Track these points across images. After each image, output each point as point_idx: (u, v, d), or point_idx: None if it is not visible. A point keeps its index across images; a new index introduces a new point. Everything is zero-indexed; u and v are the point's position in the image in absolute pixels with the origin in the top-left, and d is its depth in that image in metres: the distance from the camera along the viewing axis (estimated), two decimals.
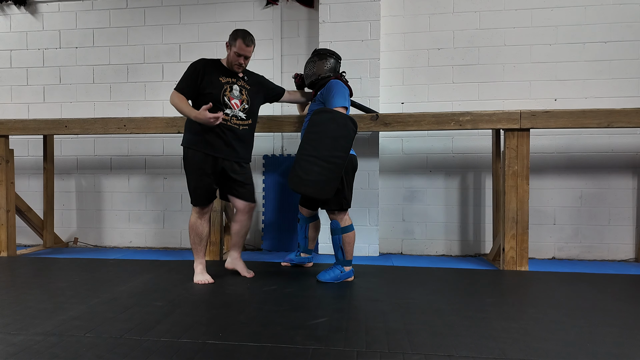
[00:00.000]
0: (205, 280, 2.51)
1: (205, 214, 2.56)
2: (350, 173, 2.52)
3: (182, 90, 2.46)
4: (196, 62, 2.53)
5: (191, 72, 2.49)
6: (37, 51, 3.96)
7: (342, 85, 2.55)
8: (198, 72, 2.48)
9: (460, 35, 3.47)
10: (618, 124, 2.79)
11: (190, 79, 2.48)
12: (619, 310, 2.04)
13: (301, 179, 2.30)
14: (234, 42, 2.48)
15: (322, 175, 2.29)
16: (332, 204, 2.48)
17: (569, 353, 1.57)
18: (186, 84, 2.48)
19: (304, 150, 2.33)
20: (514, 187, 2.86)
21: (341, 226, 2.49)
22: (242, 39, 2.46)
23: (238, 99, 2.55)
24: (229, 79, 2.55)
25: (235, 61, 2.51)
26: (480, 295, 2.30)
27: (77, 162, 3.94)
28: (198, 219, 2.56)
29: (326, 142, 2.31)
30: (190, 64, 2.54)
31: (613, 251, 3.35)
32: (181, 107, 2.42)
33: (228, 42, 2.51)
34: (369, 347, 1.62)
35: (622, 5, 3.31)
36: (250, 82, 2.65)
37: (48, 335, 1.72)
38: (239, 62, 2.52)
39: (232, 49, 2.49)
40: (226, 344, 1.64)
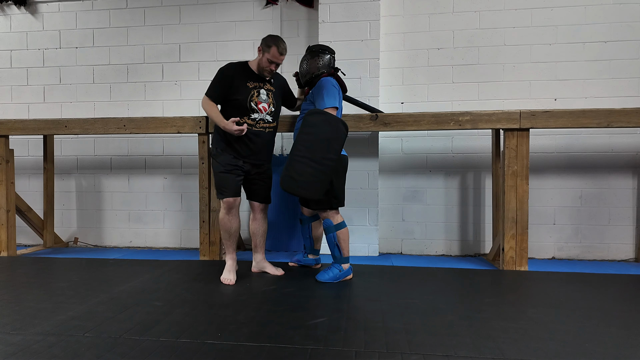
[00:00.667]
0: (228, 280, 2.49)
1: (233, 208, 2.57)
2: (340, 173, 2.53)
3: (212, 96, 2.53)
4: (225, 68, 2.56)
5: (220, 78, 2.53)
6: (37, 51, 3.97)
7: (332, 84, 2.53)
8: (226, 78, 2.52)
9: (460, 35, 3.47)
10: (618, 123, 2.78)
11: (220, 85, 2.52)
12: (619, 311, 2.04)
13: (294, 180, 2.31)
14: (268, 49, 2.49)
15: (313, 177, 2.30)
16: (322, 203, 2.50)
17: (568, 353, 1.57)
18: (215, 90, 2.53)
19: (297, 152, 2.33)
20: (514, 187, 2.86)
21: (334, 224, 2.50)
22: (277, 47, 2.49)
23: (265, 103, 2.58)
24: (256, 83, 2.58)
25: (267, 67, 2.53)
26: (479, 295, 2.30)
27: (77, 162, 3.95)
28: (226, 214, 2.57)
29: (320, 144, 2.32)
30: (219, 70, 2.57)
31: (613, 251, 3.35)
32: (211, 114, 2.52)
33: (260, 47, 2.52)
34: (367, 346, 1.62)
35: (622, 5, 3.31)
36: (276, 84, 2.68)
37: (47, 335, 1.72)
38: (270, 69, 2.55)
39: (265, 55, 2.50)
40: (225, 344, 1.64)
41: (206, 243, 3.16)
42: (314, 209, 2.61)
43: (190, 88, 3.80)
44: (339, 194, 2.52)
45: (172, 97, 3.82)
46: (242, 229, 3.69)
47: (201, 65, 3.79)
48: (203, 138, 3.14)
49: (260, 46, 2.53)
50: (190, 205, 3.79)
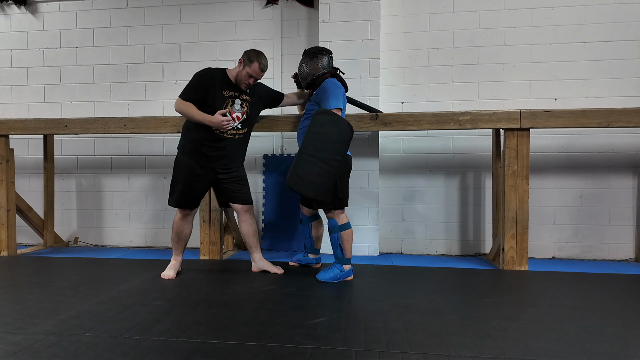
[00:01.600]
0: (168, 275, 2.59)
1: (189, 216, 2.65)
2: (344, 173, 2.54)
3: (188, 99, 2.49)
4: (202, 74, 2.53)
5: (198, 82, 2.51)
6: (37, 51, 3.96)
7: (337, 85, 2.54)
8: (204, 84, 2.50)
9: (460, 34, 3.47)
10: (618, 123, 2.78)
11: (197, 89, 2.50)
12: (619, 310, 2.04)
13: (301, 178, 2.30)
14: (250, 63, 2.49)
15: (320, 177, 2.29)
16: (326, 203, 2.50)
17: (568, 352, 1.57)
18: (191, 94, 2.49)
19: (306, 150, 2.32)
20: (514, 186, 2.86)
21: (339, 224, 2.49)
22: (259, 63, 2.49)
23: (239, 112, 2.59)
24: (232, 92, 2.57)
25: (246, 80, 2.54)
26: (479, 295, 2.30)
27: (77, 162, 3.95)
28: (181, 219, 2.65)
29: (327, 144, 2.31)
30: (196, 74, 2.54)
31: (613, 251, 3.35)
32: (191, 112, 2.47)
33: (242, 60, 2.52)
34: (367, 346, 1.62)
35: (622, 5, 3.30)
36: (251, 93, 2.67)
37: (47, 335, 1.72)
38: (248, 82, 2.55)
39: (245, 68, 2.50)
40: (225, 344, 1.64)
41: (206, 242, 3.16)
42: (316, 208, 2.61)
43: None
44: (342, 194, 2.52)
45: (172, 97, 3.82)
46: None
47: (201, 65, 3.78)
48: None
49: (242, 58, 2.52)
50: None
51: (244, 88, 2.57)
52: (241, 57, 2.53)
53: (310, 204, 2.60)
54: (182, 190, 2.58)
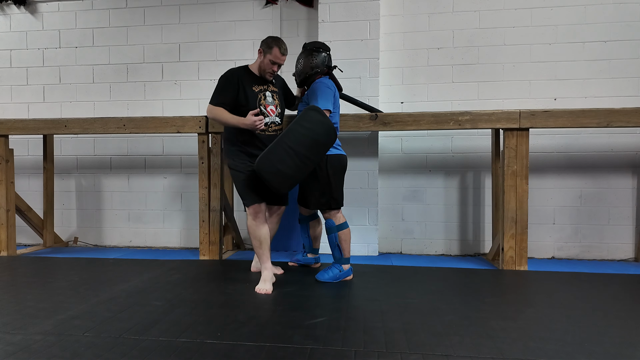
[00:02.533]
0: (265, 290, 2.32)
1: (259, 213, 2.42)
2: (338, 173, 2.51)
3: (220, 104, 2.43)
4: (227, 75, 2.48)
5: (226, 84, 2.45)
6: (37, 51, 3.96)
7: (326, 85, 2.49)
8: (232, 84, 2.44)
9: (459, 34, 3.47)
10: (617, 123, 2.78)
11: (226, 92, 2.44)
12: (618, 310, 2.04)
13: (272, 164, 2.24)
14: (270, 50, 2.45)
15: (290, 170, 2.25)
16: (321, 204, 2.49)
17: (567, 352, 1.57)
18: (223, 98, 2.43)
19: (287, 139, 2.27)
20: (513, 186, 2.86)
21: (336, 224, 2.49)
22: (279, 47, 2.45)
23: (273, 105, 2.55)
24: (261, 86, 2.52)
25: (269, 69, 2.49)
26: (479, 294, 2.30)
27: (77, 162, 3.95)
28: (253, 220, 2.44)
29: (309, 142, 2.28)
30: (221, 78, 2.49)
31: (612, 251, 3.35)
32: (224, 117, 2.41)
33: (261, 49, 2.48)
34: (367, 346, 1.62)
35: (622, 5, 3.30)
36: (277, 84, 2.64)
37: (47, 335, 1.73)
38: (272, 70, 2.50)
39: (266, 57, 2.46)
40: (224, 344, 1.64)
41: (206, 243, 3.16)
42: (312, 209, 2.61)
43: (190, 88, 3.80)
44: (338, 194, 2.51)
45: (171, 97, 3.82)
46: (240, 228, 3.70)
47: (201, 65, 3.79)
48: (203, 138, 3.14)
49: (261, 48, 2.49)
50: (190, 205, 3.80)
51: (269, 78, 2.53)
52: (260, 48, 2.50)
53: (308, 204, 2.60)
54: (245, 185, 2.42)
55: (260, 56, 2.50)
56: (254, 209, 2.43)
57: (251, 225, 2.45)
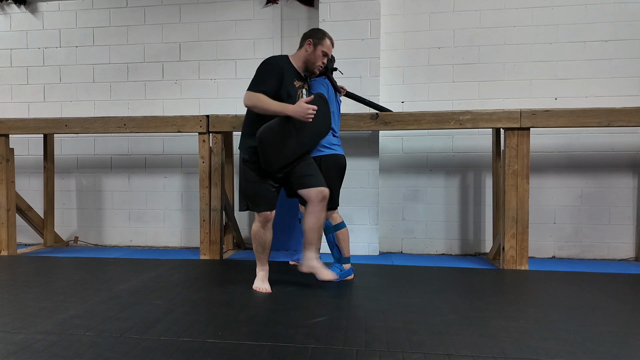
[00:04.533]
0: (264, 288, 2.33)
1: (269, 222, 2.35)
2: (335, 173, 2.49)
3: (264, 92, 2.18)
4: (272, 63, 2.26)
5: (271, 72, 2.23)
6: (37, 50, 3.96)
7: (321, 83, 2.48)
8: (278, 73, 2.24)
9: (460, 34, 3.47)
10: (618, 123, 2.78)
11: (270, 81, 2.21)
12: (619, 310, 2.04)
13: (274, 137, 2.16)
14: (322, 41, 2.33)
15: (287, 150, 2.21)
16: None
17: (568, 352, 1.57)
18: (265, 86, 2.20)
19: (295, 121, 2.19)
20: (514, 186, 2.86)
21: (333, 224, 2.49)
22: (329, 38, 2.37)
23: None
24: (300, 82, 2.37)
25: (320, 61, 2.36)
26: (480, 294, 2.30)
27: (77, 161, 3.95)
28: (261, 227, 2.34)
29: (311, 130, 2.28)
30: (265, 65, 2.26)
31: (613, 250, 3.35)
32: (268, 103, 2.16)
33: (310, 41, 2.33)
34: (368, 346, 1.62)
35: (622, 4, 3.30)
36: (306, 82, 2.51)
37: (48, 334, 1.72)
38: (322, 63, 2.37)
39: (318, 48, 2.33)
40: (226, 343, 1.64)
41: (207, 242, 3.16)
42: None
43: (190, 87, 3.80)
44: (334, 194, 2.50)
45: (172, 96, 3.82)
46: (241, 227, 3.70)
47: (201, 65, 3.79)
48: (203, 137, 3.14)
49: (310, 39, 2.33)
50: (190, 205, 3.79)
51: (317, 71, 2.39)
52: (308, 39, 2.34)
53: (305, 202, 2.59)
54: (256, 190, 2.29)
55: (309, 48, 2.33)
56: (265, 217, 2.32)
57: (258, 231, 2.36)
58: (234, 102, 3.74)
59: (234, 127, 3.11)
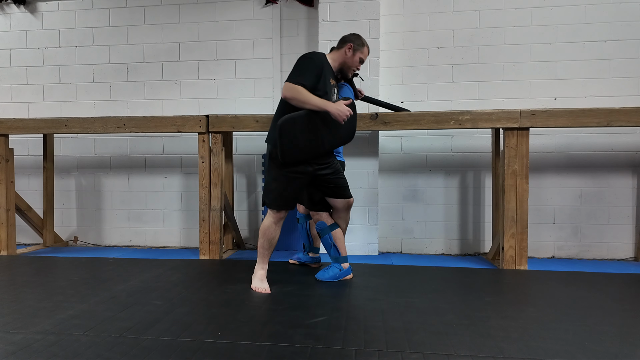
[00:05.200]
0: (263, 288, 2.31)
1: (282, 220, 2.36)
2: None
3: (306, 85, 2.15)
4: (314, 58, 2.24)
5: (311, 67, 2.21)
6: (36, 50, 3.96)
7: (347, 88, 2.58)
8: (319, 68, 2.23)
9: (460, 34, 3.47)
10: (617, 123, 2.78)
11: (312, 75, 2.19)
12: (618, 310, 2.04)
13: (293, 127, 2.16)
14: (362, 48, 2.38)
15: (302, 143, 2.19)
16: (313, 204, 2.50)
17: (567, 352, 1.57)
18: (306, 79, 2.16)
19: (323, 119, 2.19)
20: (514, 186, 2.86)
21: (327, 225, 2.50)
22: (368, 47, 2.42)
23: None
24: (334, 82, 2.40)
25: (356, 66, 2.41)
26: (479, 294, 2.30)
27: (77, 161, 3.95)
28: (274, 223, 2.33)
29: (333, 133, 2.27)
30: (307, 58, 2.23)
31: (612, 250, 3.35)
32: (308, 97, 2.13)
33: (351, 45, 2.35)
34: (367, 345, 1.62)
35: (622, 4, 3.30)
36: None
37: (47, 334, 1.72)
38: (357, 68, 2.43)
39: (357, 53, 2.37)
40: (225, 343, 1.64)
41: (206, 242, 3.16)
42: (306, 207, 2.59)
43: (190, 87, 3.80)
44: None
45: (171, 96, 3.82)
46: (241, 227, 3.70)
47: (201, 65, 3.79)
48: (203, 137, 3.14)
49: (351, 44, 2.35)
50: (190, 204, 3.79)
51: (350, 75, 2.43)
52: (349, 44, 2.35)
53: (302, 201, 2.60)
54: (282, 188, 2.28)
55: (349, 52, 2.37)
56: (280, 215, 2.33)
57: (270, 227, 2.33)
58: (234, 102, 3.74)
59: (234, 127, 3.11)
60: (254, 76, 3.72)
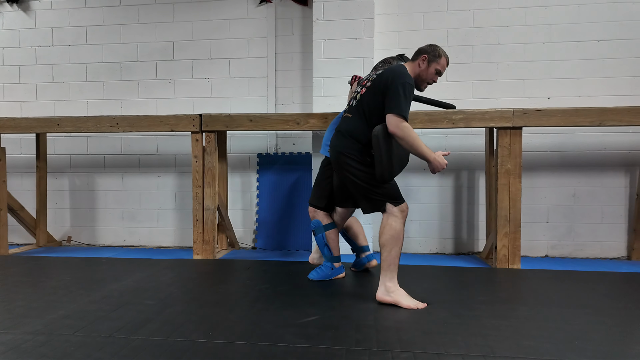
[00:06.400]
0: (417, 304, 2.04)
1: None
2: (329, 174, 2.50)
3: (407, 119, 2.04)
4: (412, 82, 2.11)
5: (412, 95, 2.09)
6: (29, 49, 3.93)
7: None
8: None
9: (454, 33, 3.47)
10: (610, 122, 2.79)
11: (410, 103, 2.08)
12: (610, 308, 2.05)
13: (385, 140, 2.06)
14: (438, 59, 2.18)
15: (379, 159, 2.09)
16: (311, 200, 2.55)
17: (558, 350, 1.58)
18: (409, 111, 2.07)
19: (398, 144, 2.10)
20: (507, 185, 2.87)
21: (323, 224, 2.50)
22: (446, 57, 2.22)
23: None
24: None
25: (432, 79, 2.22)
26: (472, 293, 2.30)
27: (70, 161, 3.92)
28: (403, 224, 2.13)
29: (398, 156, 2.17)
30: (410, 84, 2.06)
31: (606, 249, 3.36)
32: (419, 144, 2.03)
33: (425, 56, 2.17)
34: (358, 344, 1.62)
35: (615, 4, 3.31)
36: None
37: (37, 334, 1.71)
38: (433, 81, 2.23)
39: (433, 65, 2.18)
40: (215, 343, 1.64)
41: (200, 242, 3.15)
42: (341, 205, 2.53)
43: (184, 86, 3.78)
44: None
45: (165, 95, 3.81)
46: (235, 227, 3.68)
47: (195, 64, 3.77)
48: (197, 136, 3.13)
49: (425, 55, 2.17)
50: (184, 204, 3.78)
51: (424, 89, 2.26)
52: (422, 55, 2.18)
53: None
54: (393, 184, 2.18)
55: (423, 64, 2.17)
56: (407, 211, 2.16)
57: (402, 229, 2.11)
58: (228, 101, 3.73)
59: (227, 126, 3.10)
60: (248, 75, 3.71)
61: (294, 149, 3.68)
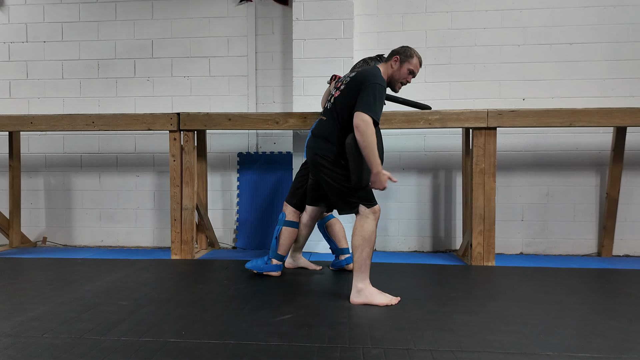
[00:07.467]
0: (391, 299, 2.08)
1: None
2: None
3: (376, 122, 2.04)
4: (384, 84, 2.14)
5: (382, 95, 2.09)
6: (2, 45, 3.83)
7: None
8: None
9: (432, 34, 3.52)
10: (580, 123, 2.88)
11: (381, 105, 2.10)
12: (577, 303, 2.11)
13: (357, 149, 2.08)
14: (410, 59, 2.20)
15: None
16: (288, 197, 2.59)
17: (522, 344, 1.62)
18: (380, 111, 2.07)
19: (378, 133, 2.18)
20: (481, 184, 2.93)
21: (286, 219, 2.53)
22: (417, 56, 2.22)
23: None
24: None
25: (405, 79, 2.24)
26: (445, 290, 2.35)
27: (45, 160, 3.84)
28: (376, 224, 2.13)
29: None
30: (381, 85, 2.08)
31: (577, 246, 3.46)
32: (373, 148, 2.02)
33: (397, 57, 2.19)
34: (330, 342, 1.64)
35: (587, 8, 3.41)
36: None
37: (4, 337, 1.68)
38: (407, 81, 2.25)
39: (405, 65, 2.20)
40: (188, 342, 1.63)
41: (178, 242, 3.12)
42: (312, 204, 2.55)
43: (163, 84, 3.74)
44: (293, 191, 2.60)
45: (144, 94, 3.76)
46: (215, 227, 3.66)
47: (174, 62, 3.74)
48: (174, 135, 3.10)
49: (396, 56, 2.20)
50: (162, 204, 3.74)
51: (398, 89, 2.28)
52: (395, 56, 2.20)
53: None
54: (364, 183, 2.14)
55: (395, 64, 2.20)
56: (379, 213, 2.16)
57: (374, 230, 2.11)
58: (207, 100, 3.71)
59: (206, 125, 3.08)
60: (228, 74, 3.70)
61: (274, 148, 3.68)
